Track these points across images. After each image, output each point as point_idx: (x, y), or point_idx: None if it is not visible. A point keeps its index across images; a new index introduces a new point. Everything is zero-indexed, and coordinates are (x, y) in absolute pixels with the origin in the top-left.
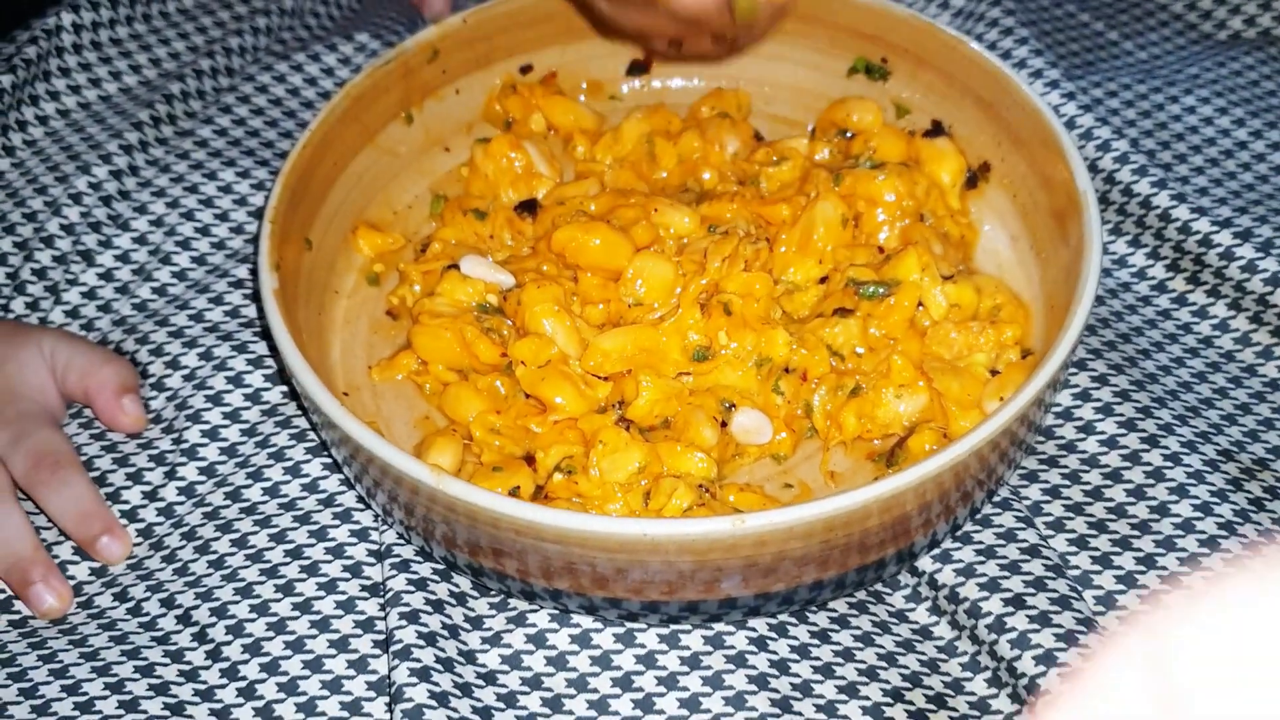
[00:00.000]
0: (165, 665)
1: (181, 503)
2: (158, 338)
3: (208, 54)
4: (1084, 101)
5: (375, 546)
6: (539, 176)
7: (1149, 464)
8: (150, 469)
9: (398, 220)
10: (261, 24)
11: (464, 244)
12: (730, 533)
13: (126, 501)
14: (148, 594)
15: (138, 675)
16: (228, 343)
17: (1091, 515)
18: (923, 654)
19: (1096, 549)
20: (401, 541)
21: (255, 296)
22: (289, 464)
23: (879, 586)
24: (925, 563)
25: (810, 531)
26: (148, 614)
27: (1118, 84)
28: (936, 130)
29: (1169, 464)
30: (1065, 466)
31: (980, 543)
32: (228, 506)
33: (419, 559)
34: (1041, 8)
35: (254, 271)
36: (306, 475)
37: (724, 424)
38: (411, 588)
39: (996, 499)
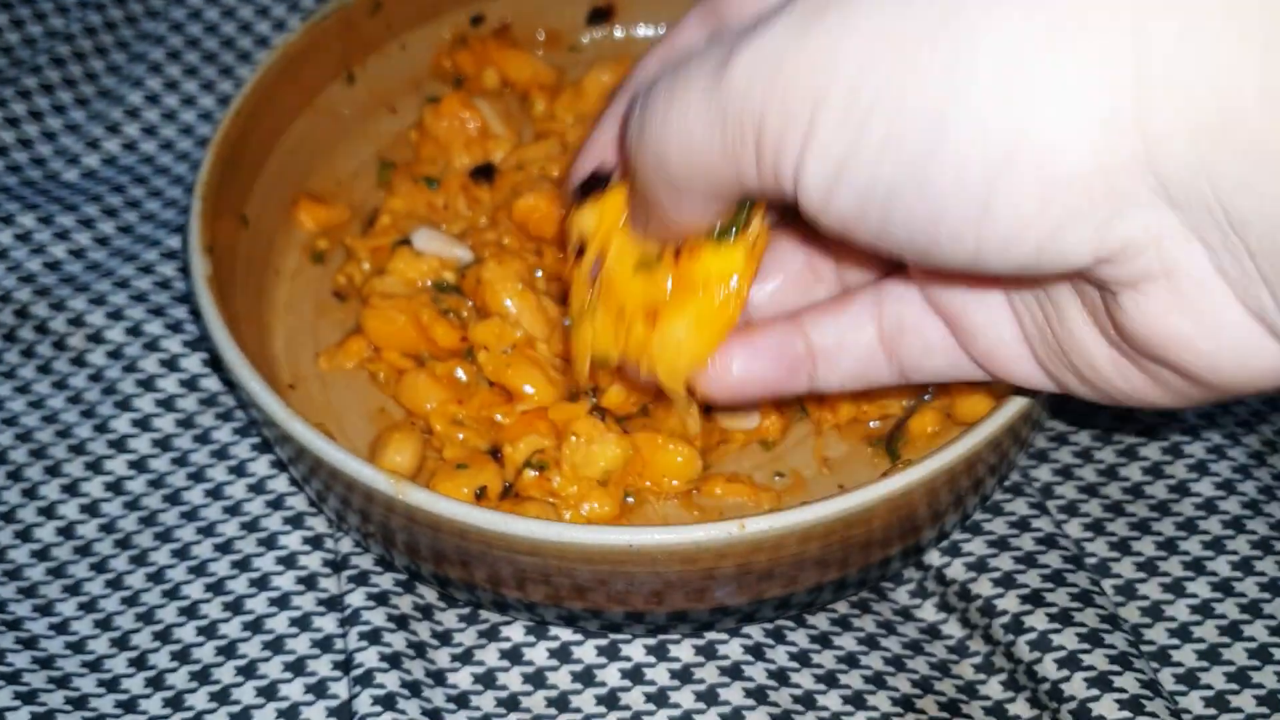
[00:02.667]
0: (100, 696)
1: (109, 499)
2: (76, 304)
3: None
4: None
5: (331, 555)
6: (495, 138)
7: (1165, 439)
8: (69, 460)
9: (342, 190)
10: None
11: (415, 215)
12: (726, 540)
13: (44, 497)
14: (79, 612)
15: (69, 707)
16: (160, 319)
17: (1106, 496)
18: (932, 656)
19: (1114, 534)
20: (359, 550)
21: (187, 272)
22: (233, 462)
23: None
24: (932, 556)
25: (811, 535)
26: (76, 634)
27: None
28: None
29: (1186, 438)
30: (1076, 444)
31: (991, 533)
32: (165, 510)
33: (379, 569)
34: None
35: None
36: (252, 474)
37: (708, 409)
38: (371, 603)
39: (1007, 483)
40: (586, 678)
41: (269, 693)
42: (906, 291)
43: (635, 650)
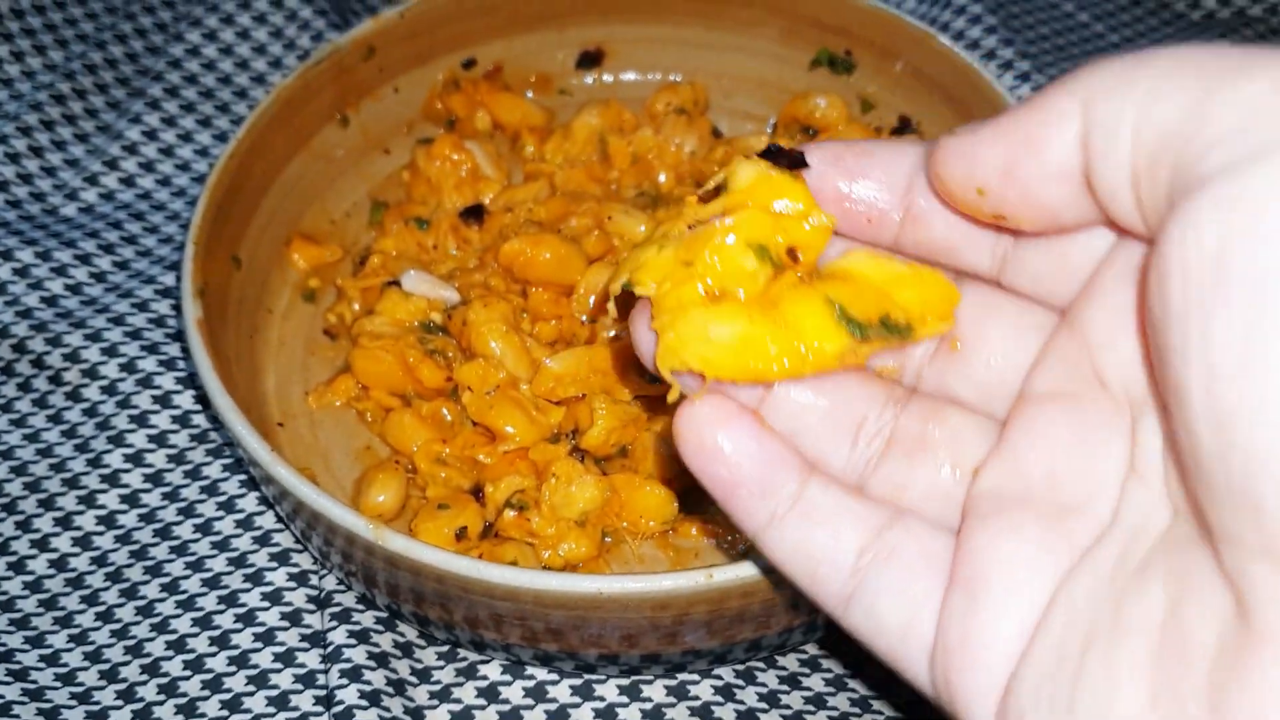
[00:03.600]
0: None
1: (101, 533)
2: (72, 340)
3: (128, 15)
4: None
5: (315, 592)
6: (485, 179)
7: None
8: (62, 493)
9: (335, 230)
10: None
11: (405, 256)
12: (694, 589)
13: (37, 530)
14: (70, 644)
15: None
16: (153, 356)
17: None
18: (898, 697)
19: None
20: (342, 588)
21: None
22: (221, 498)
23: None
24: None
25: (779, 582)
26: (66, 665)
27: None
28: (904, 127)
29: None
30: None
31: None
32: (156, 544)
33: (361, 606)
34: None
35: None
36: (240, 510)
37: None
38: (353, 640)
39: None
40: (561, 717)
41: None
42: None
43: (609, 690)
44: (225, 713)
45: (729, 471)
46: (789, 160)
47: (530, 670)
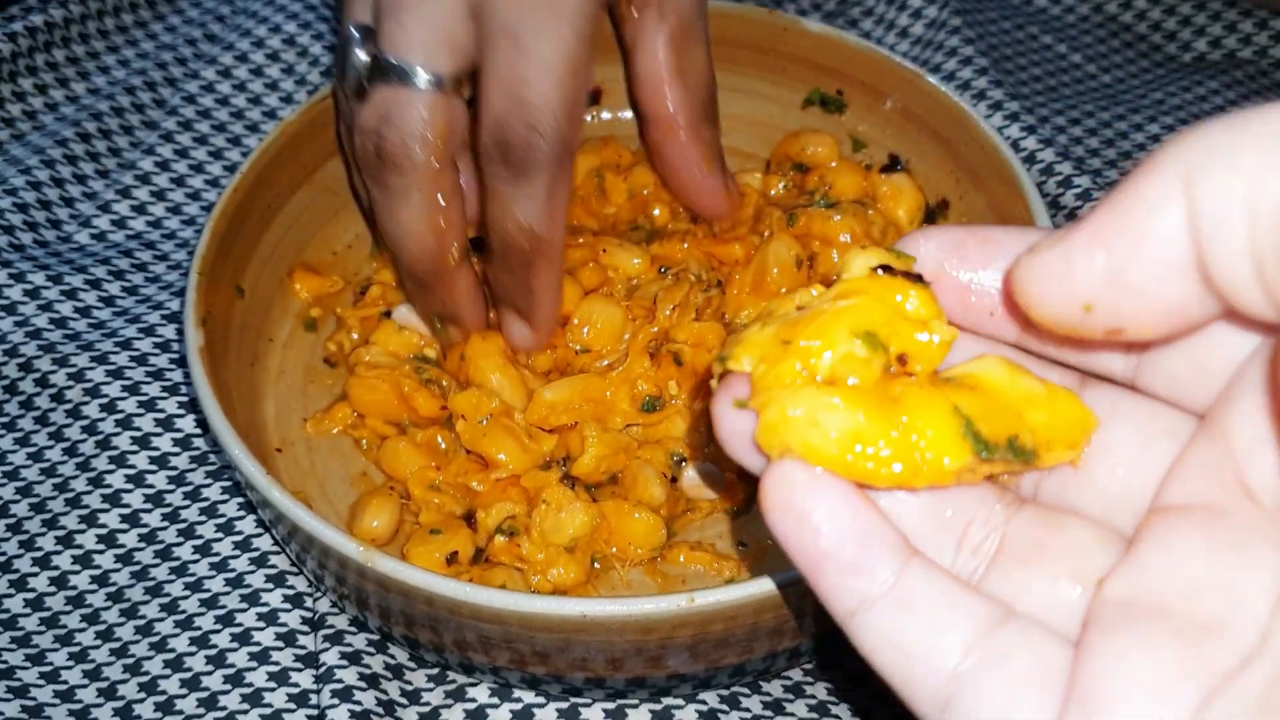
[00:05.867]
0: None
1: (101, 551)
2: (79, 362)
3: (159, 64)
4: (1044, 134)
5: (309, 614)
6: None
7: None
8: (64, 513)
9: (337, 261)
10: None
11: None
12: (676, 613)
13: (40, 548)
14: (69, 662)
15: None
16: (158, 381)
17: None
18: None
19: None
20: (335, 610)
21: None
22: (220, 520)
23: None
24: None
25: (765, 607)
26: (66, 683)
27: (1080, 111)
28: (893, 165)
29: None
30: None
31: None
32: (156, 565)
33: (353, 629)
34: (1004, 30)
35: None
36: (239, 532)
37: (673, 479)
38: (345, 662)
39: None
40: None
41: None
42: None
43: (595, 714)
44: None
45: (818, 541)
46: (907, 276)
47: (518, 693)
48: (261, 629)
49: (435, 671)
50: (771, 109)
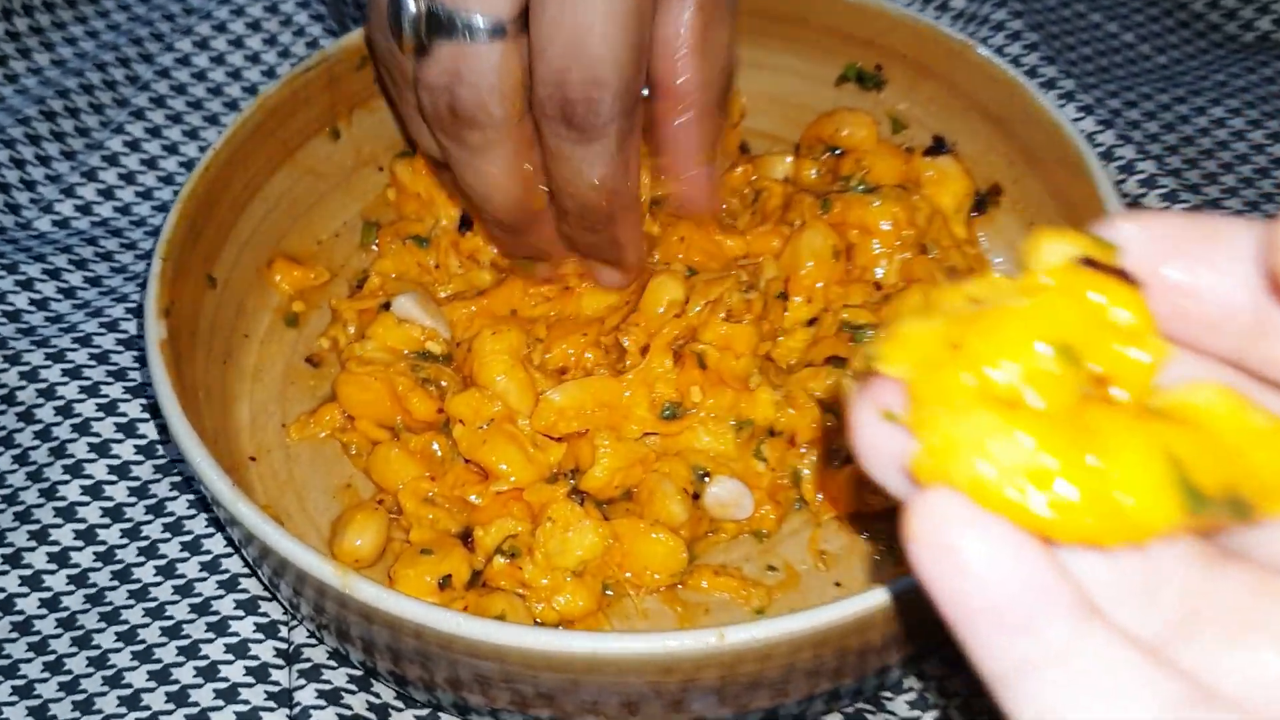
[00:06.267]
0: None
1: (52, 572)
2: (33, 359)
3: (134, 40)
4: (1102, 115)
5: (283, 645)
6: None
7: None
8: (13, 528)
9: (322, 251)
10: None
11: (406, 276)
12: (702, 652)
13: None
14: (12, 697)
15: None
16: (120, 381)
17: None
18: None
19: None
20: (313, 641)
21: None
22: (186, 537)
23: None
24: (934, 664)
25: (801, 645)
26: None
27: (1137, 94)
28: (938, 148)
29: None
30: None
31: None
32: (114, 588)
33: (333, 663)
34: (1048, 8)
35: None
36: (207, 552)
37: (696, 496)
38: (322, 701)
39: None
40: None
41: None
42: None
43: None
44: None
45: (974, 590)
46: (1113, 273)
47: None
48: (230, 662)
49: (425, 713)
50: (800, 87)
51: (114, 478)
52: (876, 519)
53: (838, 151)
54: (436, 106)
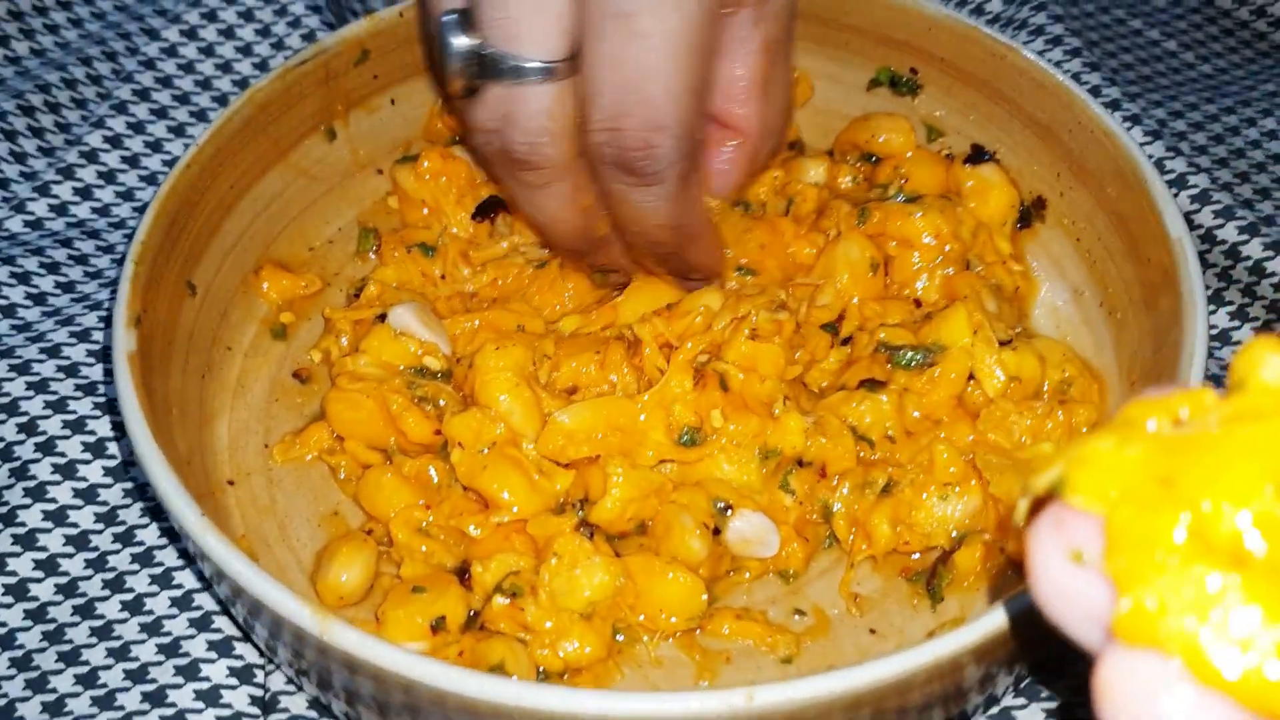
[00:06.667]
0: None
1: (9, 605)
2: None
3: (121, 34)
4: (1150, 125)
5: (259, 692)
6: (486, 185)
7: None
8: None
9: (314, 258)
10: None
11: (407, 286)
12: (728, 714)
13: None
14: None
15: None
16: (90, 396)
17: None
18: None
19: None
20: (291, 688)
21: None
22: (156, 570)
23: None
24: None
25: (834, 708)
26: None
27: (1183, 104)
28: (980, 155)
29: None
30: None
31: (1051, 698)
32: (75, 624)
33: (313, 714)
34: (1087, 13)
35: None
36: (178, 586)
37: (716, 531)
38: None
39: None
40: None
41: None
42: None
43: None
44: None
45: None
46: None
47: None
48: (199, 711)
49: None
50: (831, 91)
51: (79, 502)
52: (914, 558)
53: (873, 158)
54: (490, 147)
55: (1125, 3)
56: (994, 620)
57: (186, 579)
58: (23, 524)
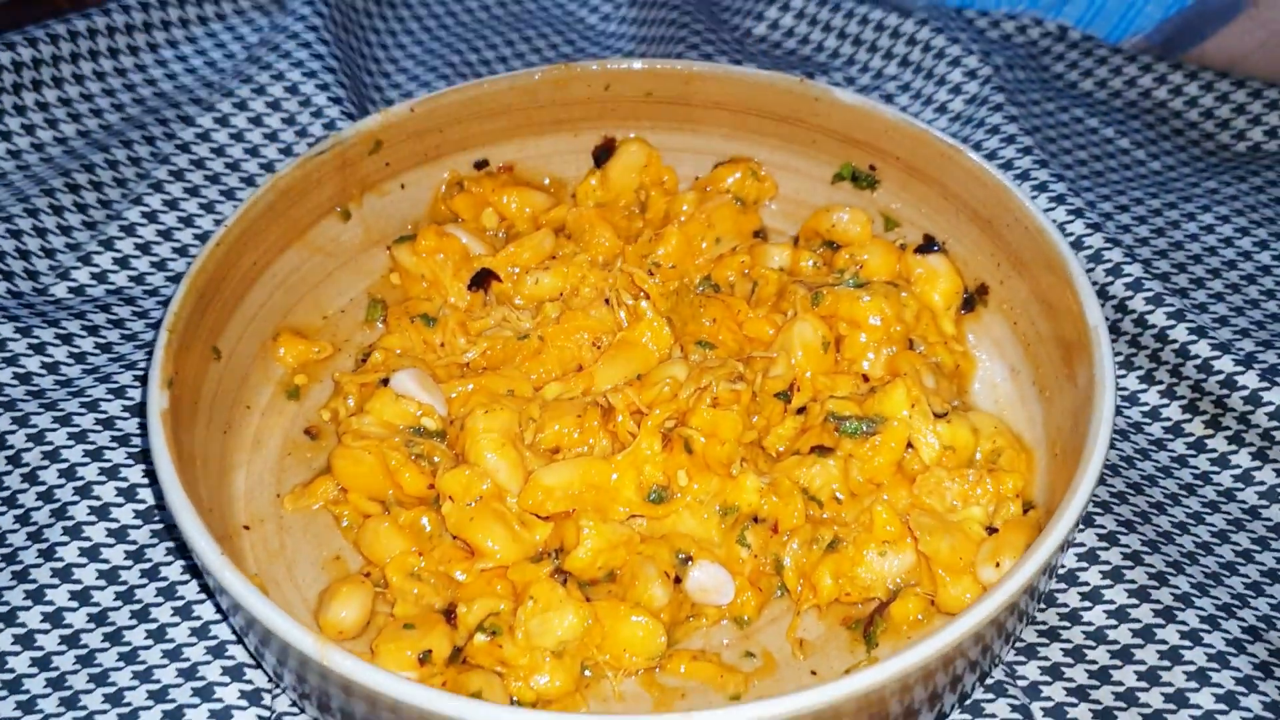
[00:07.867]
0: None
1: (46, 631)
2: (41, 421)
3: (159, 120)
4: (1092, 219)
5: (266, 714)
6: (479, 258)
7: (1164, 642)
8: (9, 586)
9: (327, 326)
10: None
11: (410, 354)
12: None
13: None
14: None
15: None
16: (124, 447)
17: (1098, 702)
18: None
19: None
20: (295, 710)
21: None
22: (179, 603)
23: None
24: None
25: None
26: None
27: (1129, 198)
28: (930, 245)
29: (1187, 643)
30: (1068, 641)
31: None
32: (105, 650)
33: None
34: (1047, 112)
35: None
36: (197, 618)
37: (678, 580)
38: None
39: (989, 680)
40: None
41: None
42: None
43: None
44: None
45: None
46: None
47: None
48: None
49: None
50: (799, 183)
51: (112, 540)
52: (856, 608)
53: (834, 245)
54: None
55: (1084, 103)
56: (914, 655)
57: (205, 611)
58: (60, 559)
